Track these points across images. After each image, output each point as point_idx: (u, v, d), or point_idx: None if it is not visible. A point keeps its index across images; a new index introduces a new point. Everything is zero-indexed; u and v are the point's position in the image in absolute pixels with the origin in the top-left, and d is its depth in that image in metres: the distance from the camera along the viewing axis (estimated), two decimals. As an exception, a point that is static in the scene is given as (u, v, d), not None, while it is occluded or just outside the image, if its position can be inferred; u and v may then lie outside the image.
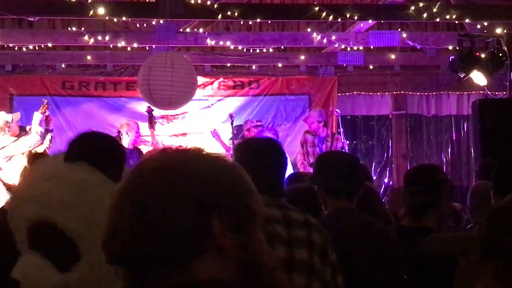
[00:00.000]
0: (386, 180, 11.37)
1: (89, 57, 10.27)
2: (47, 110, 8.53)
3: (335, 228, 3.00)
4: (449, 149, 11.63)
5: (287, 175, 3.62)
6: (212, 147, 9.05)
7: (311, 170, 8.95)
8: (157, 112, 9.28)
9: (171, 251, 1.13)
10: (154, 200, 1.14)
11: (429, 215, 3.61)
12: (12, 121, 8.33)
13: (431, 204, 3.61)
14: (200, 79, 9.60)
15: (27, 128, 8.53)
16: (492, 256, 1.43)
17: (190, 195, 1.16)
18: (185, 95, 8.00)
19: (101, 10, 7.81)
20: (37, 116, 8.36)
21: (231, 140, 9.55)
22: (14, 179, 7.52)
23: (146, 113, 9.10)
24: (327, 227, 2.93)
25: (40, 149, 8.30)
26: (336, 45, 9.99)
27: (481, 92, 10.47)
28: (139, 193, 1.16)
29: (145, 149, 9.04)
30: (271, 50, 10.37)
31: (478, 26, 9.10)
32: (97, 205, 1.44)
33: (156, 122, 9.30)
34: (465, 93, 11.28)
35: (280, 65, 10.86)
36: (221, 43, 9.82)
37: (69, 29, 9.70)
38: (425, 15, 8.29)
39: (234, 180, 1.23)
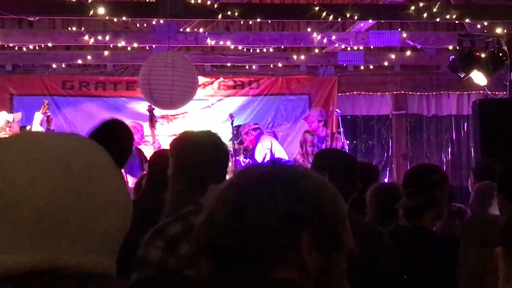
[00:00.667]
0: (386, 180, 11.35)
1: (89, 57, 10.26)
2: (48, 110, 8.53)
3: None
4: (449, 149, 11.63)
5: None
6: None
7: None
8: (157, 112, 9.27)
9: (257, 251, 1.18)
10: (255, 201, 1.19)
11: (424, 216, 3.61)
12: (13, 121, 8.35)
13: (426, 205, 3.61)
14: (200, 79, 9.60)
15: (27, 128, 8.54)
16: None
17: (289, 205, 1.20)
18: (186, 95, 8.00)
19: (101, 10, 7.81)
20: (38, 116, 8.37)
21: (231, 141, 9.55)
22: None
23: (147, 112, 9.08)
24: None
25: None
26: (336, 45, 9.98)
27: (481, 92, 10.47)
28: (243, 191, 1.22)
29: (145, 149, 9.03)
30: (271, 50, 10.38)
31: (478, 26, 9.10)
32: None
33: (157, 121, 9.28)
34: (465, 93, 11.28)
35: (280, 65, 10.86)
36: (221, 43, 9.82)
37: (69, 29, 9.71)
38: (425, 15, 8.29)
39: (334, 206, 1.27)
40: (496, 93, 10.33)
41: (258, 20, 8.77)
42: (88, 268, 1.12)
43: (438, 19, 8.50)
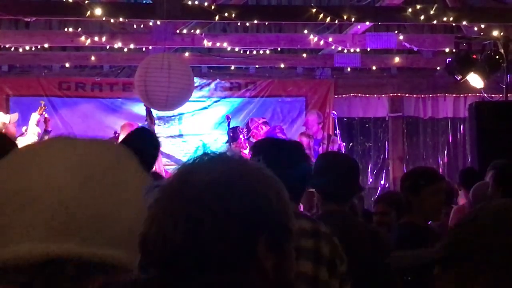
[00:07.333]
0: (382, 183, 11.36)
1: (85, 58, 10.25)
2: (44, 112, 8.52)
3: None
4: (446, 152, 11.64)
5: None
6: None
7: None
8: (153, 113, 9.26)
9: (217, 267, 1.13)
10: (210, 218, 1.13)
11: (406, 214, 3.91)
12: (9, 122, 8.33)
13: (405, 205, 3.90)
14: (197, 81, 9.60)
15: (23, 129, 8.52)
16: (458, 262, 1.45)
17: (244, 213, 1.15)
18: (182, 96, 7.99)
19: (98, 11, 7.80)
20: (35, 117, 8.36)
21: (227, 144, 9.52)
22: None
23: (144, 113, 9.03)
24: None
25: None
26: (333, 47, 9.99)
27: (477, 94, 10.48)
28: (194, 207, 1.14)
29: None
30: (268, 51, 10.37)
31: (475, 29, 9.11)
32: None
33: (154, 118, 9.19)
34: (461, 95, 11.29)
35: (277, 66, 10.86)
36: (218, 44, 9.81)
37: (66, 29, 9.69)
38: (422, 17, 8.31)
39: (280, 198, 1.21)
40: (493, 95, 10.33)
41: (255, 21, 8.77)
42: (103, 260, 1.21)
43: (435, 22, 8.52)
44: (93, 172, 1.25)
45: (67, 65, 10.53)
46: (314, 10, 8.18)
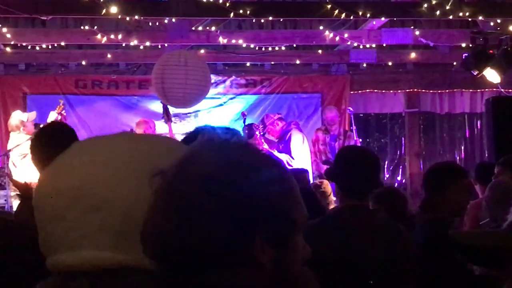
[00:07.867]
0: (399, 178, 11.34)
1: (101, 56, 10.29)
2: (63, 111, 8.57)
3: (340, 224, 3.14)
4: (463, 147, 11.59)
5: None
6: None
7: (323, 167, 8.97)
8: (170, 110, 9.29)
9: (210, 265, 1.11)
10: (201, 213, 1.09)
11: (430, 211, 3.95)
12: (27, 120, 8.38)
13: (427, 202, 4.03)
14: (213, 78, 9.61)
15: (41, 125, 8.56)
16: None
17: (238, 210, 1.10)
18: (199, 93, 8.01)
19: (113, 9, 7.83)
20: (53, 115, 8.40)
21: (243, 140, 9.52)
22: (27, 177, 7.55)
23: (160, 110, 9.05)
24: (333, 223, 3.14)
25: (54, 148, 8.34)
26: (349, 43, 9.95)
27: (494, 89, 10.42)
28: (186, 203, 1.11)
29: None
30: (283, 48, 10.36)
31: (491, 24, 9.05)
32: None
33: (171, 115, 9.20)
34: (478, 90, 11.23)
35: (292, 63, 10.85)
36: (233, 41, 9.81)
37: (82, 28, 9.73)
38: (438, 12, 8.26)
39: (282, 187, 1.16)
40: (510, 90, 10.28)
41: (270, 18, 8.77)
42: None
43: (451, 17, 8.47)
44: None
45: (83, 63, 10.59)
46: (329, 6, 8.16)
